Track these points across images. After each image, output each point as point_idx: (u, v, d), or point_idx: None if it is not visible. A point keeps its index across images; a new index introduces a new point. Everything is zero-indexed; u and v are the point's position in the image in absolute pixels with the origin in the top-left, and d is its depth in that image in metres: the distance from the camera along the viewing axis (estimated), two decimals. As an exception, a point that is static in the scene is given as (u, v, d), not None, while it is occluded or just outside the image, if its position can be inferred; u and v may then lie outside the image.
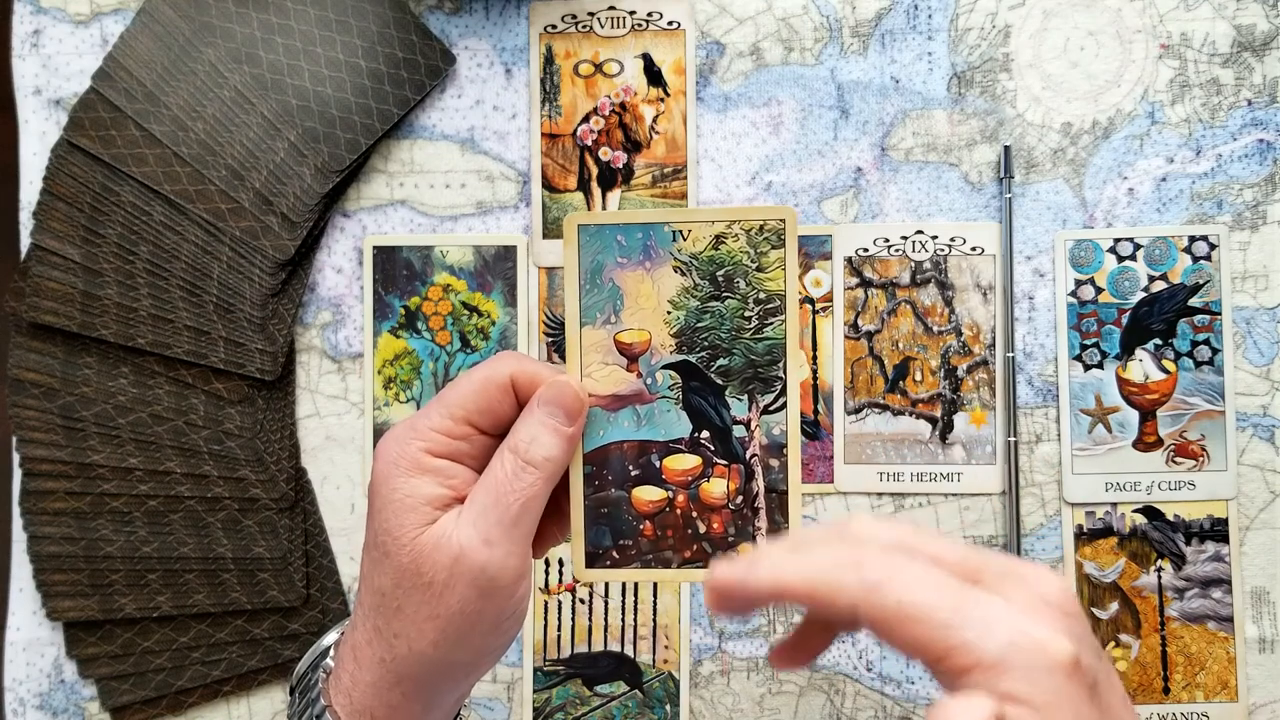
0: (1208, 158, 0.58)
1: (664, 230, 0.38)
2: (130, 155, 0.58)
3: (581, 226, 0.38)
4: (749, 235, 0.37)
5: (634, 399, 0.38)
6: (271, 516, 0.58)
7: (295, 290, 0.59)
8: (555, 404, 0.36)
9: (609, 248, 0.38)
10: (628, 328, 0.38)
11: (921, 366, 0.59)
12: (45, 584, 0.58)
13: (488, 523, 0.35)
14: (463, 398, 0.37)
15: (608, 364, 0.38)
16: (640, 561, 0.38)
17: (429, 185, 0.60)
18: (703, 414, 0.38)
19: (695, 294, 0.38)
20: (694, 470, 0.38)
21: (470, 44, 0.60)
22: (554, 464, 0.36)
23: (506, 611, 0.36)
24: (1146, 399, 0.58)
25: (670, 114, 0.59)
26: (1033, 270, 0.58)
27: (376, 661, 0.36)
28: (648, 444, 0.38)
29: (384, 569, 0.36)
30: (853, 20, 0.59)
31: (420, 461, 0.36)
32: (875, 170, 0.59)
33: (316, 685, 0.38)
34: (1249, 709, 0.57)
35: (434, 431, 0.36)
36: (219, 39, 0.58)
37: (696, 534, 0.38)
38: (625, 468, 0.38)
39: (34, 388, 0.58)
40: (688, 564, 0.38)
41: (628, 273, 0.38)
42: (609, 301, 0.38)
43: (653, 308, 0.38)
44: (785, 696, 0.58)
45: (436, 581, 0.35)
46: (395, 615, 0.36)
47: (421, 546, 0.35)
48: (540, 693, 0.59)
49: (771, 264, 0.37)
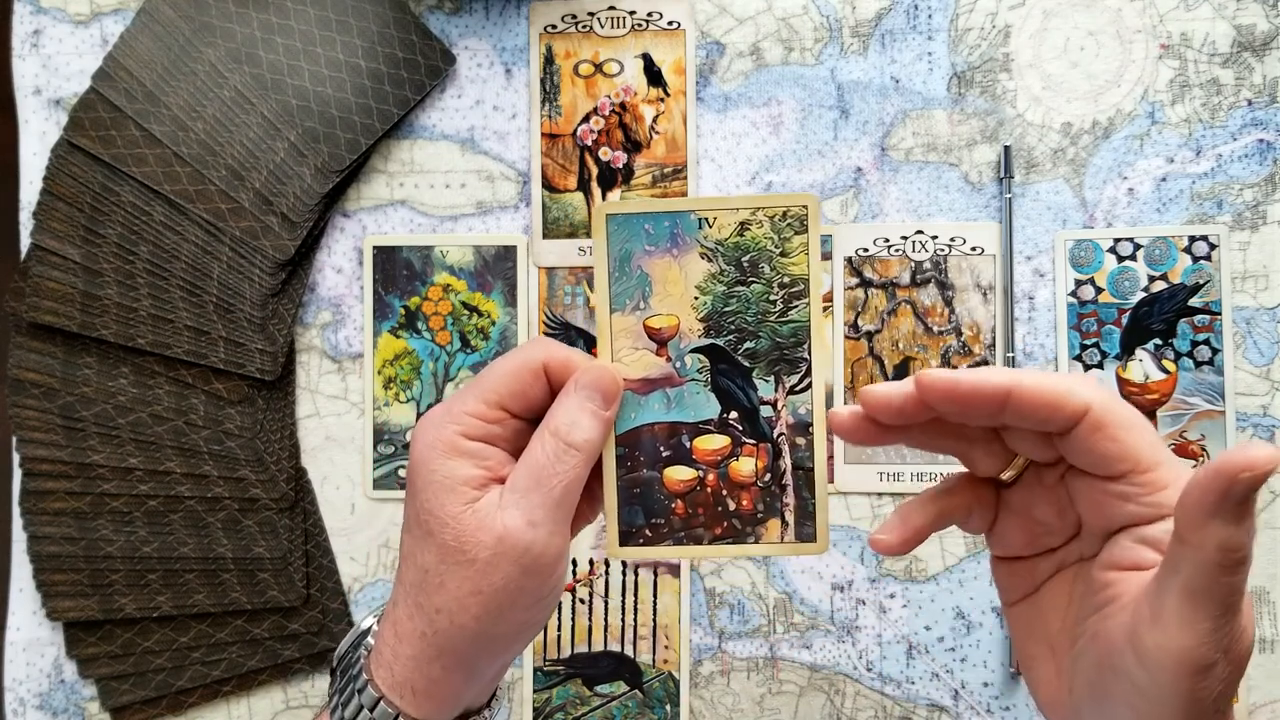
0: (1208, 158, 0.58)
1: (690, 218, 0.39)
2: (130, 155, 0.58)
3: (610, 216, 0.39)
4: (773, 221, 0.38)
5: (664, 382, 0.39)
6: (271, 516, 0.58)
7: (295, 290, 0.59)
8: (593, 387, 0.38)
9: (637, 236, 0.39)
10: (657, 313, 0.39)
11: (922, 366, 0.58)
12: (45, 584, 0.58)
13: (531, 504, 0.36)
14: (497, 383, 0.38)
15: (638, 349, 0.39)
16: (673, 539, 0.39)
17: (429, 185, 0.60)
18: (731, 395, 0.39)
19: (722, 279, 0.39)
20: (723, 450, 0.39)
21: (470, 44, 0.60)
22: (593, 446, 0.37)
23: (547, 588, 0.37)
24: (1147, 399, 0.58)
25: (670, 114, 0.59)
26: (1033, 270, 0.58)
27: (417, 636, 0.37)
28: (678, 425, 0.39)
29: (427, 546, 0.37)
30: (853, 20, 0.59)
31: (456, 444, 0.37)
32: (875, 170, 0.59)
33: (359, 662, 0.39)
34: (1249, 709, 0.57)
35: (469, 416, 0.37)
36: (219, 39, 0.58)
37: (726, 511, 0.39)
38: (657, 449, 0.39)
39: (34, 388, 0.58)
40: (718, 540, 0.39)
41: (656, 260, 0.39)
42: (638, 288, 0.39)
43: (680, 293, 0.39)
44: (785, 696, 0.58)
45: (480, 559, 0.36)
46: (438, 591, 0.37)
47: (464, 526, 0.36)
48: (540, 693, 0.59)
49: (795, 249, 0.38)
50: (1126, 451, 0.33)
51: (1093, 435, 0.33)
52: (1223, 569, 0.31)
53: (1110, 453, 0.33)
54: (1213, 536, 0.30)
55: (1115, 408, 0.33)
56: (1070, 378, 0.34)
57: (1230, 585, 0.31)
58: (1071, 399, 0.33)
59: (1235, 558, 0.30)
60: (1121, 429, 0.33)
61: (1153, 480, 0.33)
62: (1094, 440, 0.33)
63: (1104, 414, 0.33)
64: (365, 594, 0.59)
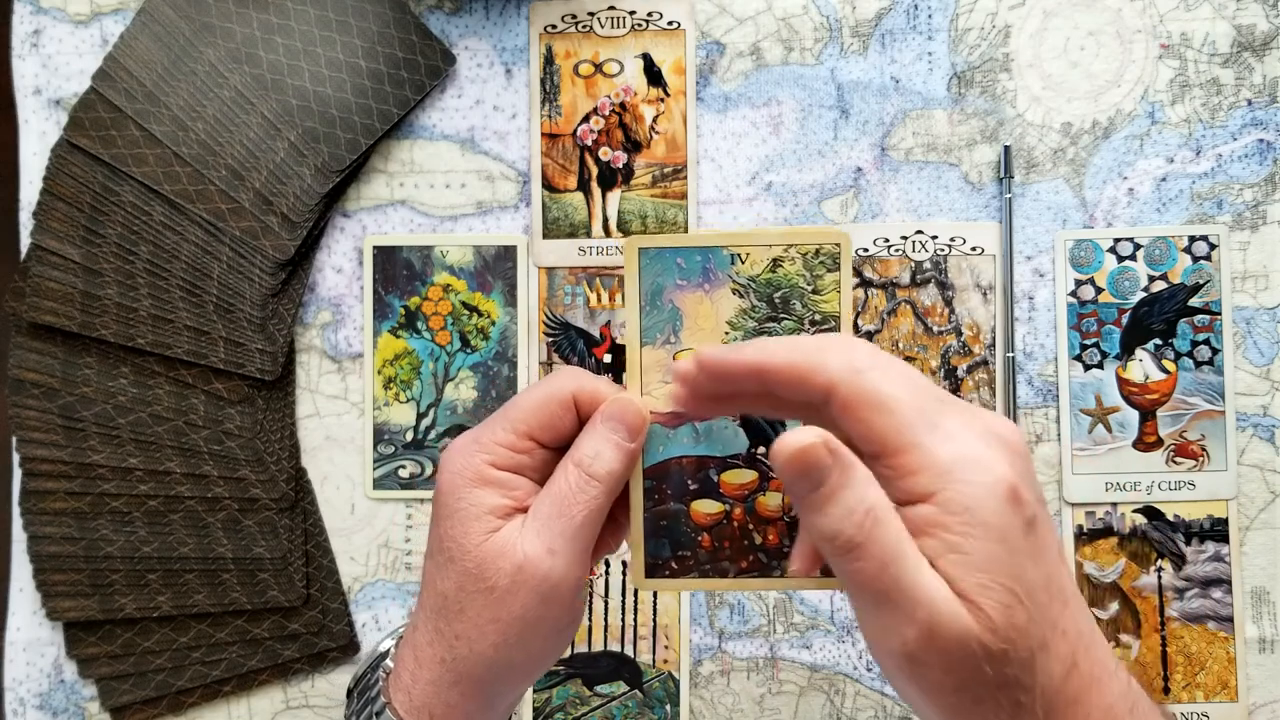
0: (1208, 158, 0.58)
1: (722, 254, 0.39)
2: (130, 155, 0.58)
3: (643, 249, 0.39)
4: (805, 259, 0.38)
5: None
6: (271, 516, 0.58)
7: (295, 290, 0.59)
8: (618, 420, 0.37)
9: (669, 270, 0.39)
10: (687, 348, 0.39)
11: (921, 366, 0.59)
12: (45, 584, 0.58)
13: (551, 533, 0.36)
14: (525, 413, 0.38)
15: (667, 382, 0.39)
16: (698, 572, 0.39)
17: (429, 185, 0.60)
18: (759, 430, 0.39)
19: (753, 315, 0.39)
20: (750, 484, 0.39)
21: (470, 44, 0.60)
22: (615, 478, 0.37)
23: (566, 619, 0.37)
24: (1146, 399, 0.58)
25: (670, 114, 0.59)
26: (1033, 270, 0.58)
27: (437, 661, 0.37)
28: (706, 459, 0.39)
29: (448, 573, 0.37)
30: (853, 20, 0.59)
31: (483, 474, 0.37)
32: (875, 170, 0.59)
33: (377, 684, 0.39)
34: (1249, 709, 0.57)
35: (497, 445, 0.38)
36: (219, 39, 0.58)
37: (752, 545, 0.39)
38: (684, 482, 0.39)
39: (34, 388, 0.58)
40: (744, 574, 0.39)
41: (687, 294, 0.39)
42: (669, 322, 0.39)
43: (711, 328, 0.39)
44: (785, 696, 0.58)
45: (499, 587, 0.36)
46: (457, 617, 0.37)
47: (485, 553, 0.36)
48: (540, 692, 0.59)
49: (827, 287, 0.38)
50: (873, 433, 0.31)
51: (841, 415, 0.31)
52: (836, 558, 0.31)
53: (857, 433, 0.31)
54: (811, 531, 0.31)
55: (865, 385, 0.31)
56: (828, 347, 0.32)
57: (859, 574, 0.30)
58: (815, 376, 0.31)
59: (837, 545, 0.30)
60: (868, 409, 0.31)
61: (902, 465, 0.30)
62: (842, 420, 0.31)
63: (851, 393, 0.31)
64: (365, 594, 0.59)
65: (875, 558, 0.30)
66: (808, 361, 0.32)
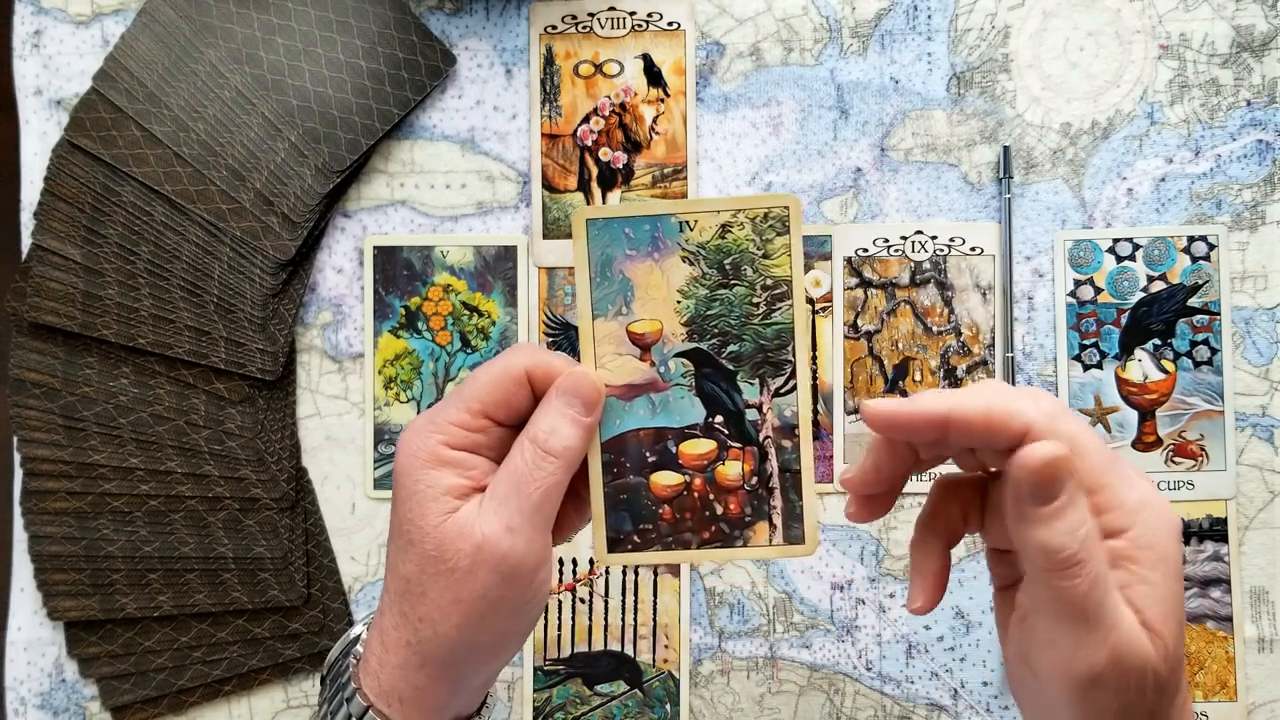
0: (1207, 158, 0.58)
1: (671, 221, 0.38)
2: (131, 155, 0.58)
3: (590, 221, 0.39)
4: (754, 223, 0.38)
5: (648, 388, 0.39)
6: (272, 516, 0.59)
7: (296, 290, 0.59)
8: (573, 394, 0.37)
9: (617, 240, 0.38)
10: (639, 318, 0.39)
11: (921, 366, 0.59)
12: (46, 584, 0.58)
13: (509, 511, 0.36)
14: (479, 391, 0.38)
15: (621, 354, 0.39)
16: (660, 544, 0.39)
17: (429, 185, 0.60)
18: (716, 399, 0.39)
19: (704, 283, 0.39)
20: (709, 454, 0.39)
21: (470, 44, 0.60)
22: (572, 453, 0.37)
23: (527, 596, 0.37)
24: (1145, 399, 0.58)
25: (670, 114, 0.59)
26: (1032, 270, 0.59)
27: (403, 645, 0.37)
28: (663, 430, 0.39)
29: (408, 556, 0.37)
30: (852, 21, 0.59)
31: (439, 454, 0.37)
32: (875, 170, 0.59)
33: (347, 670, 0.39)
34: (1248, 709, 0.57)
35: (452, 425, 0.37)
36: (219, 39, 0.58)
37: (714, 515, 0.39)
38: (642, 454, 0.39)
39: (35, 388, 0.58)
40: (706, 544, 0.39)
41: (637, 264, 0.38)
42: (620, 293, 0.39)
43: (663, 298, 0.39)
44: (785, 696, 0.59)
45: (459, 568, 0.36)
46: (420, 600, 0.37)
47: (444, 534, 0.36)
48: (540, 692, 0.59)
49: (777, 250, 0.38)
50: None
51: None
52: (1051, 573, 0.31)
53: None
54: (1030, 543, 0.31)
55: (1061, 430, 0.32)
56: (1017, 396, 0.33)
57: (1070, 591, 0.31)
58: (1012, 423, 0.33)
59: (1058, 560, 0.31)
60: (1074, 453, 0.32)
61: (1096, 503, 0.32)
62: None
63: (1045, 436, 0.32)
64: (365, 593, 0.60)
65: (1088, 577, 0.31)
66: (1005, 409, 0.33)
